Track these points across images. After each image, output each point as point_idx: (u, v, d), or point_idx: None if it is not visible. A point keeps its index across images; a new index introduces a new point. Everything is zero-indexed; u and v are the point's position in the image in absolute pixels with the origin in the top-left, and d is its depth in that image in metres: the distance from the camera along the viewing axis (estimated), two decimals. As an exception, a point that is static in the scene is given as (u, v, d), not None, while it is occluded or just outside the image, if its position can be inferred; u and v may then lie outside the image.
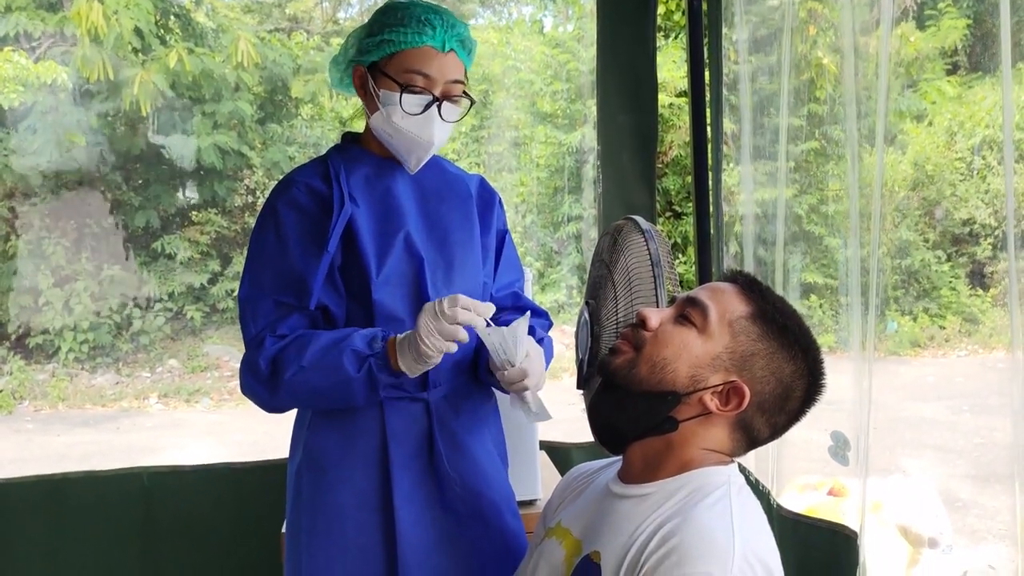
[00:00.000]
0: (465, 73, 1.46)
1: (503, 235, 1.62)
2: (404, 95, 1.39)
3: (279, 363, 1.36)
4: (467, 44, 1.45)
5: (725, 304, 1.09)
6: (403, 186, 1.49)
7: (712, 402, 1.06)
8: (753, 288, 1.11)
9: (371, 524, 1.42)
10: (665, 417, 1.07)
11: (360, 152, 1.50)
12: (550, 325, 1.63)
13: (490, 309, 1.32)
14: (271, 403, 1.41)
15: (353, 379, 1.33)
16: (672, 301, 1.15)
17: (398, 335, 1.34)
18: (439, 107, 1.41)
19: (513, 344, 1.33)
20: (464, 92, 1.45)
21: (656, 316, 1.11)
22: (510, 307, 1.59)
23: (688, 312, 1.09)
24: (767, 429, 1.10)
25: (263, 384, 1.37)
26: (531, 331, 1.52)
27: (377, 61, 1.42)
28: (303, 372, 1.34)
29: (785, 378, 1.07)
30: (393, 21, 1.41)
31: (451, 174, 1.57)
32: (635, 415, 1.09)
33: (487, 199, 1.59)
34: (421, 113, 1.40)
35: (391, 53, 1.40)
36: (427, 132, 1.42)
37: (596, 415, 1.14)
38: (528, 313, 1.42)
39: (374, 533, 1.42)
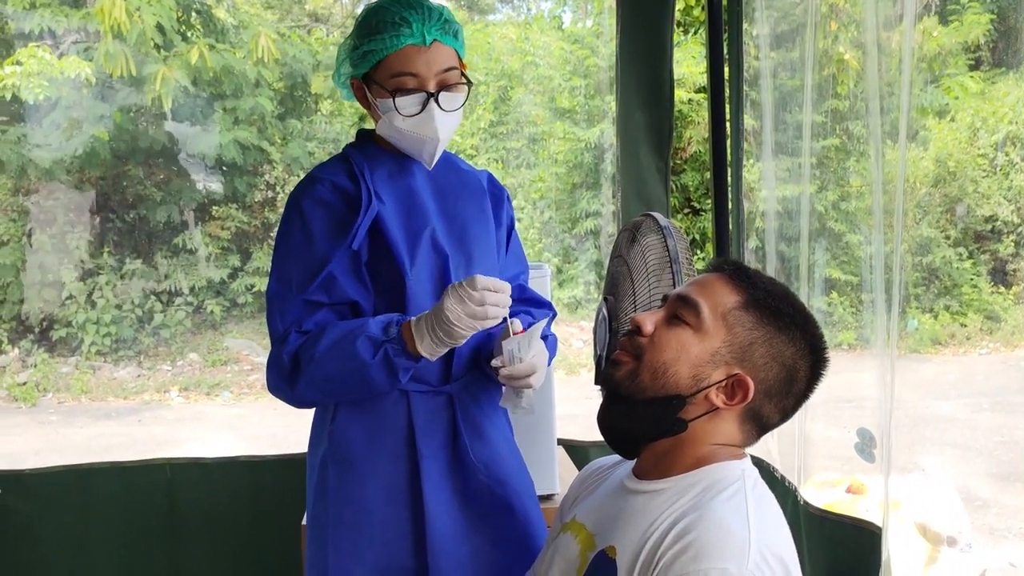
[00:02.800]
0: (459, 57, 1.46)
1: (511, 230, 1.64)
2: (397, 99, 1.40)
3: (298, 354, 1.38)
4: (450, 28, 1.44)
5: (716, 297, 1.08)
6: (422, 183, 1.51)
7: (718, 398, 1.06)
8: (741, 276, 1.10)
9: (397, 518, 1.44)
10: (674, 420, 1.07)
11: (378, 150, 1.52)
12: (553, 315, 1.66)
13: (507, 287, 1.33)
14: (293, 396, 1.42)
15: (369, 365, 1.33)
16: (665, 300, 1.15)
17: (412, 318, 1.35)
18: (436, 100, 1.41)
19: (528, 345, 1.36)
20: (463, 74, 1.45)
21: (650, 320, 1.10)
22: (515, 299, 1.61)
23: (680, 311, 1.09)
24: (777, 414, 1.10)
25: (285, 379, 1.39)
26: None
27: (367, 72, 1.43)
28: (319, 361, 1.35)
29: (787, 361, 1.07)
30: (369, 30, 1.41)
31: (463, 171, 1.60)
32: (643, 422, 1.09)
33: (497, 195, 1.61)
34: (420, 112, 1.41)
35: (376, 62, 1.41)
36: (430, 128, 1.42)
37: (605, 425, 1.15)
38: (546, 319, 1.44)
39: (400, 527, 1.44)
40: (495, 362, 1.39)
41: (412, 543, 1.43)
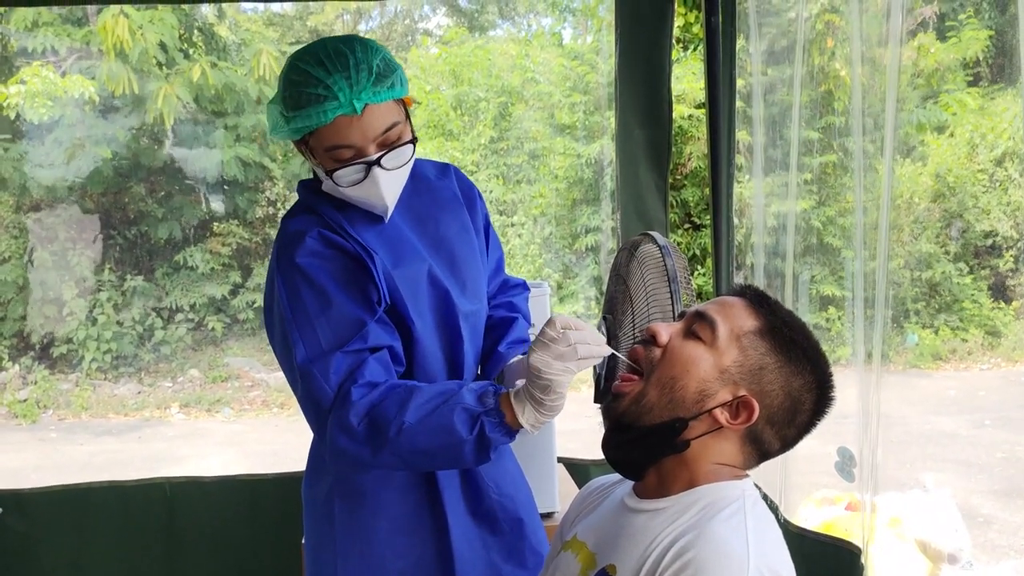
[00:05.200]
0: (403, 101, 1.35)
1: (487, 227, 1.59)
2: (335, 174, 1.31)
3: (377, 419, 1.25)
4: (384, 84, 1.30)
5: (734, 319, 1.09)
6: (401, 219, 1.44)
7: (722, 416, 1.07)
8: (762, 303, 1.12)
9: (413, 547, 1.44)
10: (676, 441, 1.08)
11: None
12: (528, 293, 1.66)
13: (588, 326, 1.22)
14: (373, 463, 1.28)
15: (465, 441, 1.22)
16: (682, 316, 1.16)
17: (511, 389, 1.24)
18: (380, 164, 1.31)
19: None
20: (406, 114, 1.35)
21: (666, 331, 1.12)
22: (498, 292, 1.61)
23: (696, 327, 1.10)
24: (777, 442, 1.11)
25: (362, 443, 1.25)
26: (514, 322, 1.55)
27: (302, 138, 1.34)
28: (409, 432, 1.23)
29: (794, 392, 1.08)
30: (294, 103, 1.29)
31: (433, 182, 1.52)
32: (647, 448, 1.10)
33: (468, 195, 1.54)
34: (363, 180, 1.32)
35: (309, 133, 1.31)
36: (376, 193, 1.33)
37: (610, 454, 1.15)
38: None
39: (417, 554, 1.44)
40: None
41: (436, 567, 1.44)
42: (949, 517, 2.84)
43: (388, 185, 1.33)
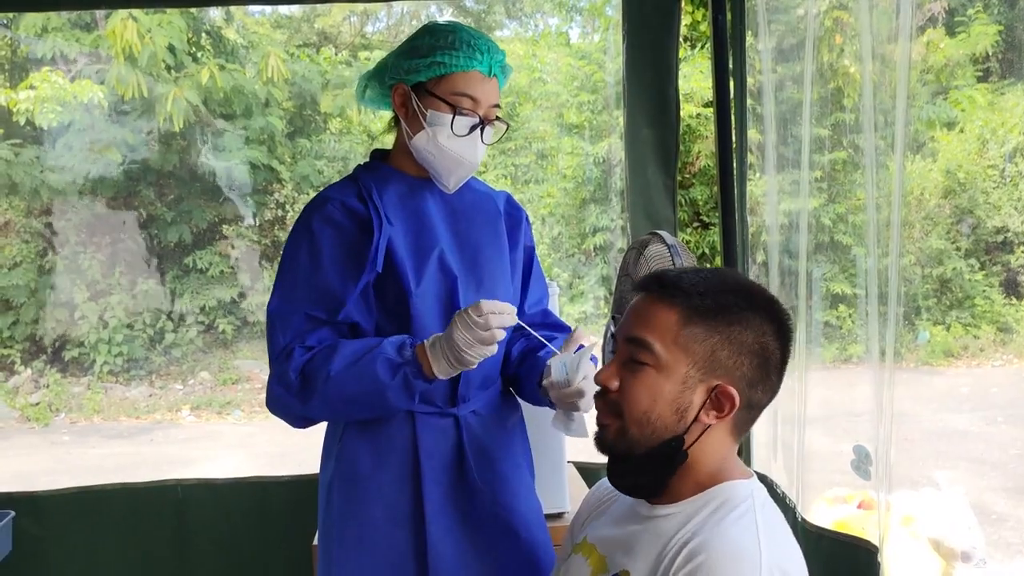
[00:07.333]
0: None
1: (530, 252, 1.63)
2: (457, 117, 1.43)
3: (309, 373, 1.38)
4: (506, 71, 1.50)
5: (660, 325, 1.06)
6: (434, 205, 1.51)
7: (708, 416, 1.06)
8: (669, 290, 1.08)
9: (401, 539, 1.44)
10: (678, 456, 1.07)
11: (390, 172, 1.52)
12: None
13: (512, 308, 1.34)
14: (303, 413, 1.42)
15: (388, 386, 1.35)
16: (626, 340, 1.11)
17: (426, 340, 1.36)
18: (482, 130, 1.45)
19: (575, 367, 1.35)
20: (497, 117, 1.49)
21: (613, 377, 1.09)
22: (539, 324, 1.60)
23: (637, 355, 1.07)
24: (767, 395, 1.09)
25: (294, 395, 1.39)
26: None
27: (424, 81, 1.44)
28: (335, 381, 1.35)
29: (752, 346, 1.06)
30: (444, 44, 1.43)
31: (480, 192, 1.59)
32: (652, 471, 1.09)
33: (515, 216, 1.61)
34: (467, 135, 1.44)
35: (441, 75, 1.43)
36: (471, 153, 1.45)
37: (618, 483, 1.15)
38: (593, 345, 1.42)
39: (404, 548, 1.43)
40: (545, 382, 1.38)
41: (415, 565, 1.43)
42: (962, 515, 2.83)
43: (480, 151, 1.47)
